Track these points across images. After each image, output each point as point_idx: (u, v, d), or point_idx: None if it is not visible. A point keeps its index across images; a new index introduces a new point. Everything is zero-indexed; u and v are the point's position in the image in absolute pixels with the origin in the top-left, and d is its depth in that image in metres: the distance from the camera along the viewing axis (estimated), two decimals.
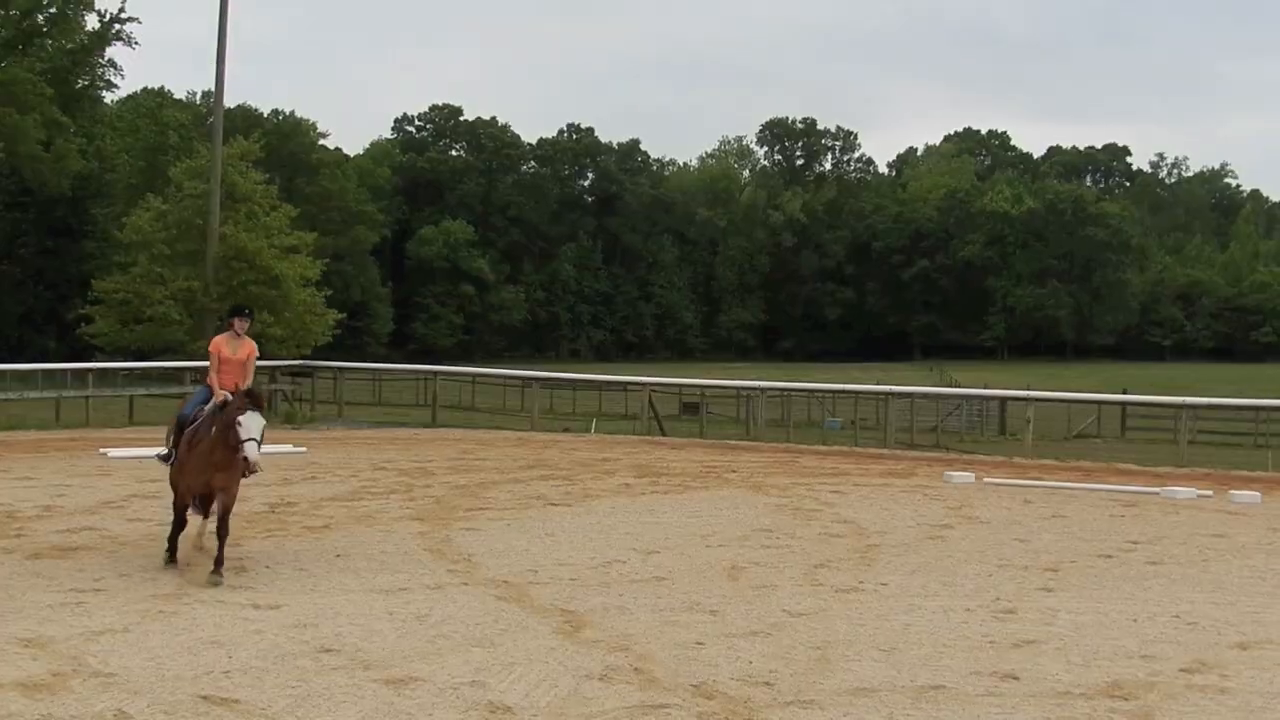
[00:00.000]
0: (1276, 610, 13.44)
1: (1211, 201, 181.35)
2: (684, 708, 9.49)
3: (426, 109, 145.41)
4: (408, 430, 35.83)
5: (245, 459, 12.96)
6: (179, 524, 14.18)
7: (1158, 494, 24.00)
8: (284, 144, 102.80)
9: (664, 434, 36.15)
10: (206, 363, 14.93)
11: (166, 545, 14.19)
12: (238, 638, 11.17)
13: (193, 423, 13.92)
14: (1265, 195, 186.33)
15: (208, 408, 13.94)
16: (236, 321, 14.81)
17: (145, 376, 39.54)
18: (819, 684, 10.15)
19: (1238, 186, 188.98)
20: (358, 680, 9.94)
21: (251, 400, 13.18)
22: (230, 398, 13.57)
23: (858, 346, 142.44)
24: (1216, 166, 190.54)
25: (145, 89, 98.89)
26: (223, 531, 13.44)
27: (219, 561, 13.32)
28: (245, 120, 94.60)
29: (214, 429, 13.37)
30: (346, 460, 26.52)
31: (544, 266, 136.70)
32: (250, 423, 12.95)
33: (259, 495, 20.15)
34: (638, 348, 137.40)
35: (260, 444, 13.07)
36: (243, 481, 13.85)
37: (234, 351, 14.72)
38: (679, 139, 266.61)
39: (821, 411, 45.53)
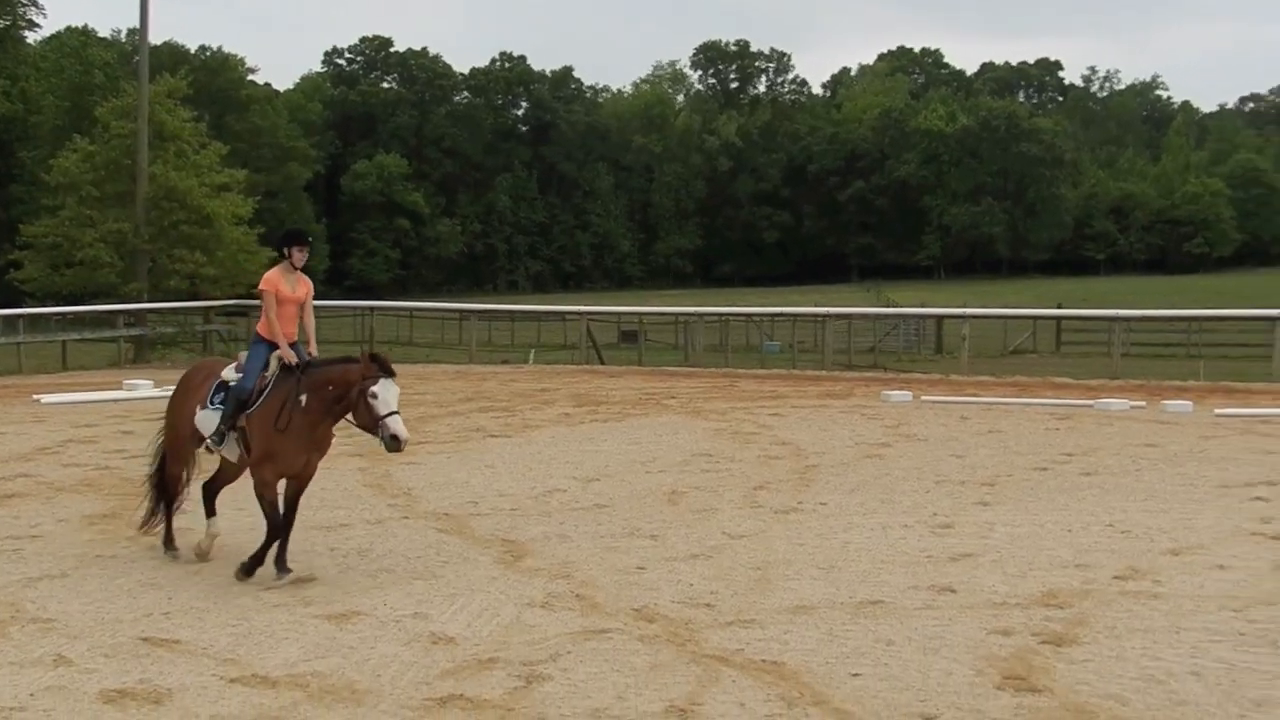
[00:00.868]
0: (1207, 516, 13.67)
1: (1143, 114, 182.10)
2: (626, 632, 9.56)
3: (357, 41, 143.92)
4: None
5: (394, 437, 10.66)
6: (169, 505, 12.32)
7: (1092, 406, 24.33)
8: (212, 81, 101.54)
9: (602, 362, 36.18)
10: (137, 304, 14.22)
11: (165, 531, 12.23)
12: (177, 579, 11.16)
13: (259, 395, 11.21)
14: (1196, 107, 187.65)
15: (271, 372, 11.30)
16: (295, 251, 11.72)
17: (78, 321, 39.07)
18: (759, 603, 10.25)
19: (1168, 99, 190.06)
20: (299, 617, 9.95)
21: (380, 365, 10.91)
22: (307, 359, 11.32)
23: (795, 270, 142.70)
24: (1147, 79, 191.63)
25: (69, 28, 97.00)
26: (291, 518, 11.30)
27: (282, 559, 11.09)
28: (172, 57, 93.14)
29: (304, 398, 10.99)
30: None
31: (479, 198, 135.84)
32: (387, 393, 10.76)
33: None
34: (575, 277, 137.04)
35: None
36: None
37: (292, 289, 11.68)
38: (612, 65, 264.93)
39: (759, 336, 45.71)
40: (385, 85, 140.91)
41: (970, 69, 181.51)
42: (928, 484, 15.83)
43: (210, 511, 12.09)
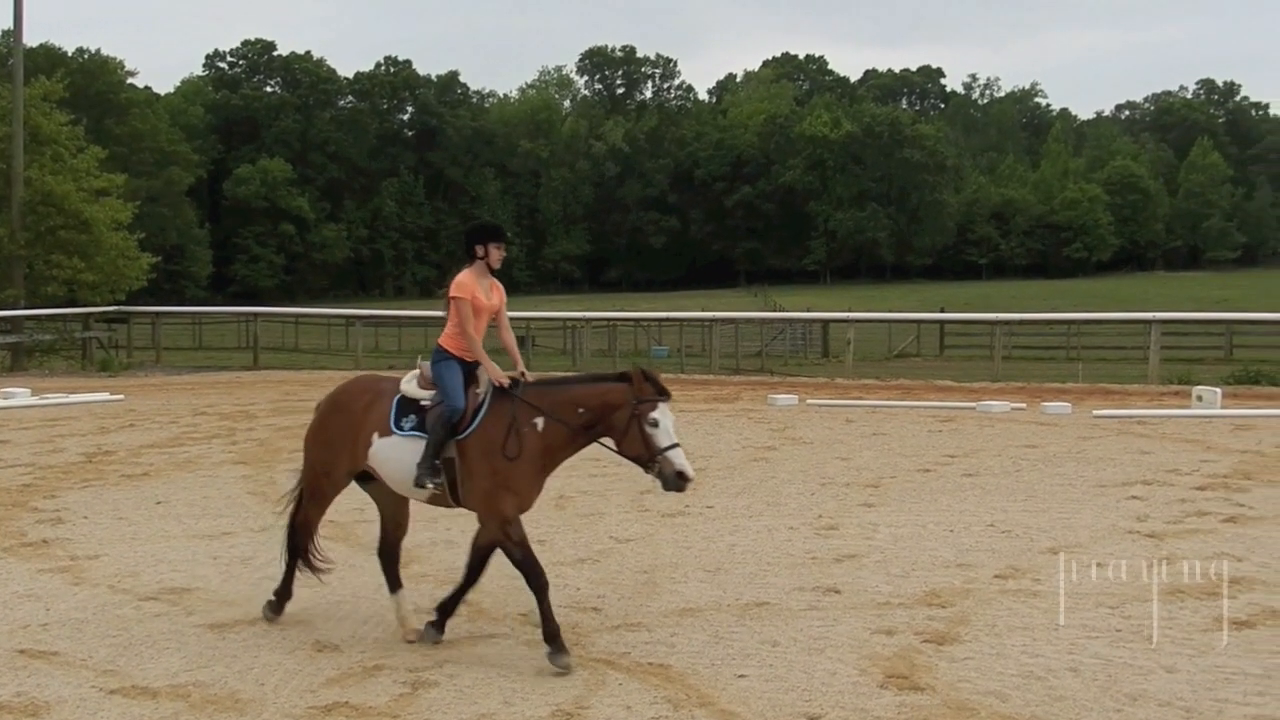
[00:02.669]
0: (1085, 515, 13.93)
1: (1023, 121, 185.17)
2: (513, 637, 9.57)
3: (239, 44, 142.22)
4: (229, 374, 35.25)
5: (680, 475, 8.81)
6: (295, 556, 10.28)
7: (974, 409, 24.67)
8: (90, 83, 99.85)
9: None
10: (12, 311, 13.76)
11: (278, 589, 10.22)
12: (55, 590, 10.95)
13: (474, 417, 9.27)
14: (1074, 114, 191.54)
15: (483, 389, 9.38)
16: (493, 249, 9.65)
17: None
18: (646, 606, 10.29)
19: (1047, 106, 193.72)
20: (180, 627, 9.82)
21: (655, 385, 9.03)
22: (519, 379, 9.41)
23: (683, 275, 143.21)
24: (1027, 86, 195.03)
25: None
26: (479, 572, 9.60)
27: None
28: (48, 59, 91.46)
29: (540, 420, 9.17)
30: (166, 407, 26.01)
31: (365, 203, 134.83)
32: (667, 420, 8.94)
33: (74, 445, 19.71)
34: None
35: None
36: (59, 432, 13.39)
37: (487, 296, 9.65)
38: (498, 71, 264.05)
39: (647, 340, 45.81)
40: (268, 89, 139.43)
41: (854, 76, 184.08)
42: (813, 486, 15.97)
43: (396, 584, 9.90)
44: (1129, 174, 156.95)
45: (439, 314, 45.39)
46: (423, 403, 9.42)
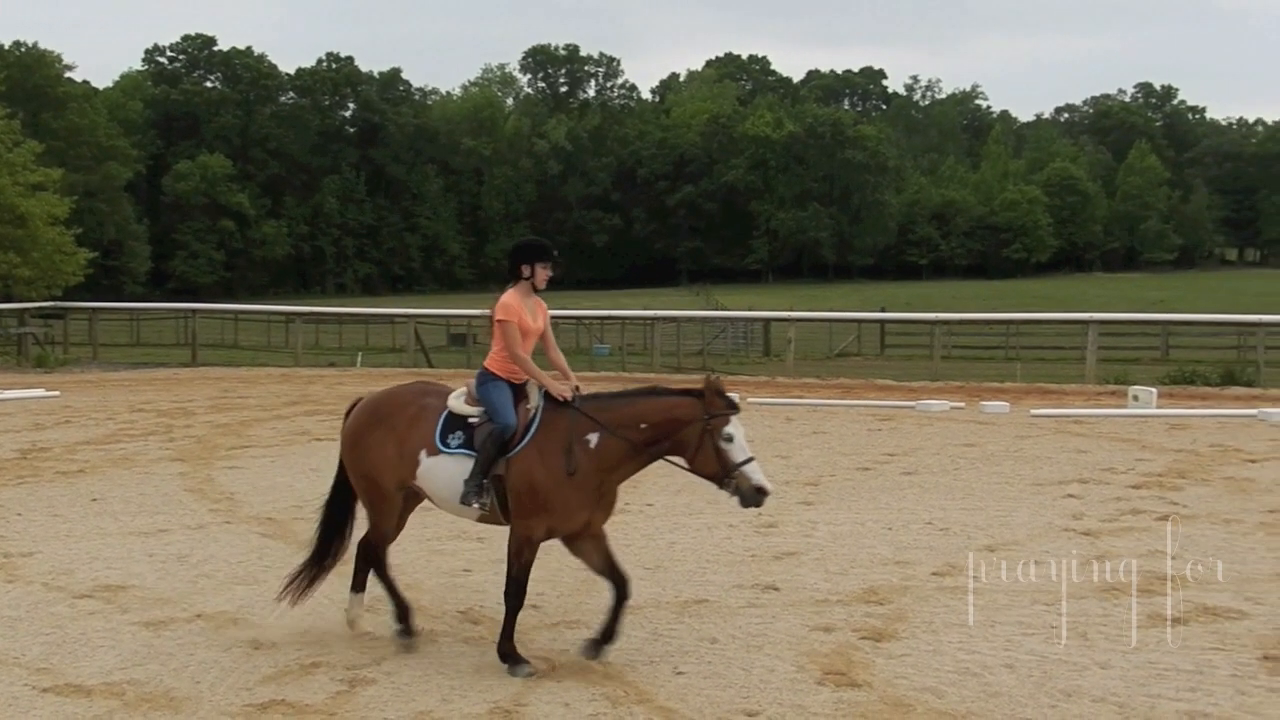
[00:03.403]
0: (1022, 513, 14.04)
1: (963, 123, 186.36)
2: (452, 633, 9.55)
3: (179, 39, 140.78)
4: (167, 370, 34.95)
5: (758, 490, 8.71)
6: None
7: (913, 407, 24.80)
8: (27, 77, 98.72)
9: (431, 365, 35.92)
10: None
11: (395, 611, 9.47)
12: None
13: (525, 433, 8.96)
14: (1014, 116, 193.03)
15: (534, 404, 9.07)
16: (539, 269, 9.31)
17: None
18: (585, 604, 10.30)
19: (988, 108, 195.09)
20: (115, 624, 9.74)
21: (725, 399, 8.80)
22: (573, 394, 9.05)
23: (625, 273, 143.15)
24: (968, 88, 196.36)
25: None
26: (625, 584, 9.09)
27: (610, 638, 8.99)
28: None
29: (595, 437, 8.84)
30: (102, 403, 25.76)
31: (306, 200, 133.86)
32: (740, 434, 8.78)
33: (9, 442, 19.53)
34: (405, 280, 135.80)
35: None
36: None
37: (533, 317, 9.32)
38: (441, 68, 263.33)
39: (589, 338, 45.77)
40: (209, 84, 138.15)
41: (797, 77, 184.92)
42: None
43: (361, 585, 9.68)
44: (1068, 176, 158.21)
45: (383, 311, 45.11)
46: (470, 420, 9.08)
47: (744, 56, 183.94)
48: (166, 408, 24.85)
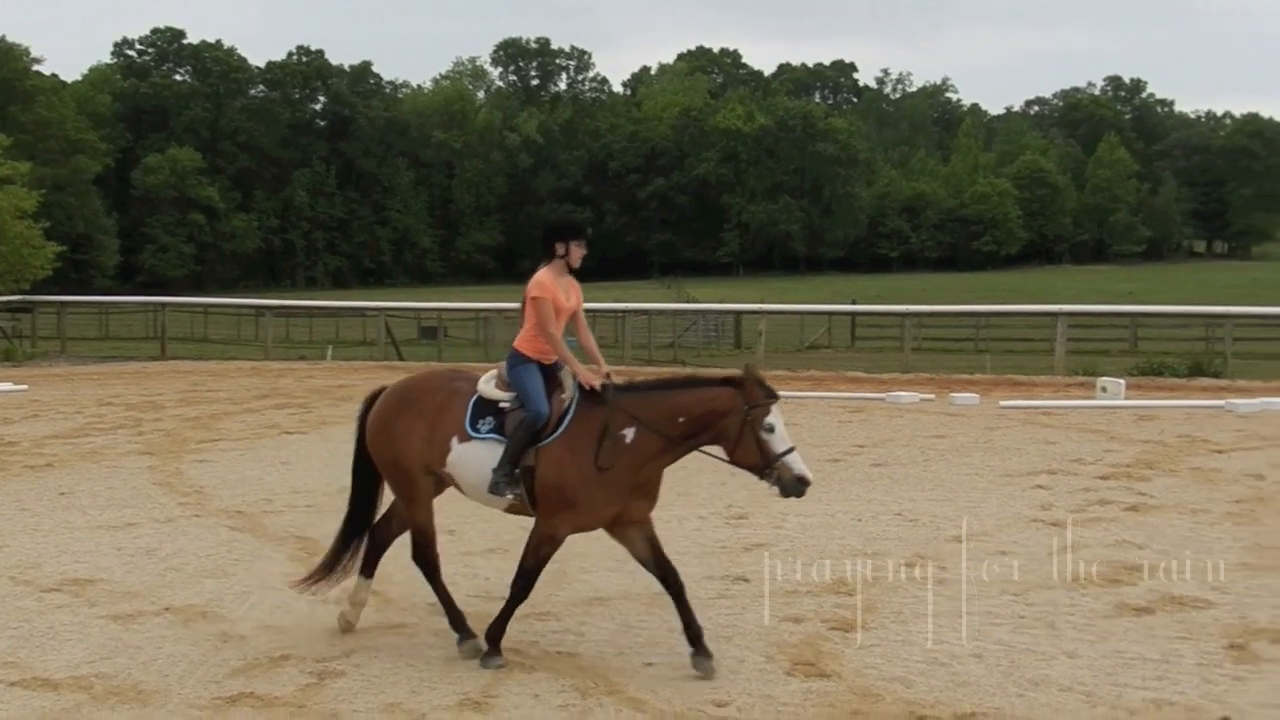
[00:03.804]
0: (991, 504, 14.10)
1: (934, 116, 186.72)
2: (421, 626, 9.55)
3: (148, 32, 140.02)
4: (136, 364, 34.81)
5: (800, 479, 8.63)
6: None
7: (884, 399, 24.86)
8: None
9: (401, 359, 35.86)
10: None
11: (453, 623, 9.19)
12: None
13: (559, 423, 8.72)
14: (984, 109, 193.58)
15: (569, 394, 8.82)
16: (574, 248, 9.07)
17: None
18: (555, 596, 10.30)
19: (958, 101, 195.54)
20: (84, 618, 9.70)
21: (765, 388, 8.64)
22: (607, 383, 8.83)
23: (597, 266, 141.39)
24: (938, 82, 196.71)
25: None
26: (679, 582, 8.96)
27: (699, 634, 8.73)
28: None
29: (631, 430, 8.58)
30: (71, 397, 25.64)
31: (277, 193, 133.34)
32: (781, 423, 8.67)
33: None
34: (376, 273, 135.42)
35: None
36: None
37: (566, 296, 9.07)
38: (412, 61, 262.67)
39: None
40: (178, 78, 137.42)
41: (768, 70, 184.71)
42: (723, 476, 15.88)
43: (371, 570, 9.63)
44: (1038, 169, 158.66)
45: (353, 305, 45.12)
46: (501, 405, 8.86)
47: (715, 50, 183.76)
48: (135, 401, 24.74)
